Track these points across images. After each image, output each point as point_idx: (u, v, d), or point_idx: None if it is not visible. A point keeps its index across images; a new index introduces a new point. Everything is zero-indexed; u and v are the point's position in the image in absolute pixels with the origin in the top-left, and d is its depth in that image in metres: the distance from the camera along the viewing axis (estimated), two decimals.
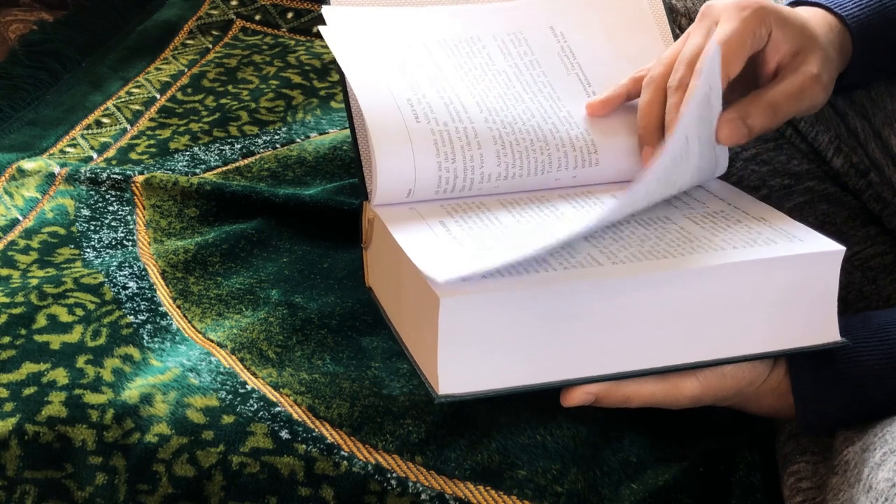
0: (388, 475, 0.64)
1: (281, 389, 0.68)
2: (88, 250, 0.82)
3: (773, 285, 0.61)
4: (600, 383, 0.60)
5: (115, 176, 0.89)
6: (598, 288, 0.58)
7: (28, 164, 0.90)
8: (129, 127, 1.01)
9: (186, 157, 0.95)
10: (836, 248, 0.61)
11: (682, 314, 0.60)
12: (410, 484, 0.64)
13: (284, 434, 0.65)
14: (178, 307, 0.76)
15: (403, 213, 0.65)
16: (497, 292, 0.56)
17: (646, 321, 0.59)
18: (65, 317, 0.73)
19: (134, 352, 0.71)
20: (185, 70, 1.11)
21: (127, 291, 0.77)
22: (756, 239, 0.61)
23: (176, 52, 1.15)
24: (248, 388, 0.68)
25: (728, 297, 0.60)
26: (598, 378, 0.59)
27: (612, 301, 0.58)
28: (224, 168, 0.93)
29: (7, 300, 0.74)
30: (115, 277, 0.78)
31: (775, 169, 0.79)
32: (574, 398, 0.60)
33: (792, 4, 0.71)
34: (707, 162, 0.67)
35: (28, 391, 0.67)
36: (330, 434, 0.66)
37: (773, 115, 0.66)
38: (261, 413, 0.67)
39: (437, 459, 0.65)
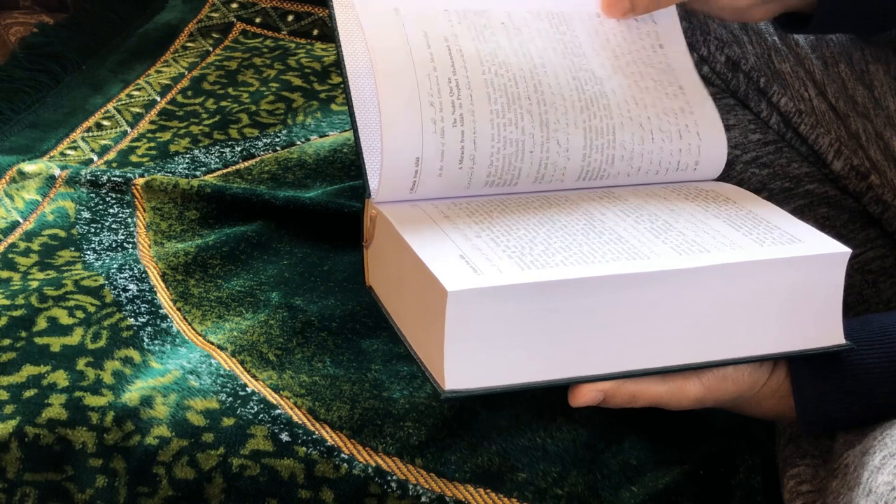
0: (389, 477, 0.64)
1: (281, 392, 0.68)
2: (89, 253, 0.82)
3: (778, 286, 0.60)
4: (608, 381, 0.59)
5: (115, 178, 0.89)
6: (604, 283, 0.57)
7: (28, 167, 0.90)
8: (129, 129, 1.01)
9: (187, 160, 0.95)
10: (842, 250, 0.61)
11: (688, 313, 0.59)
12: (410, 486, 0.64)
13: (284, 436, 0.65)
14: (179, 309, 0.76)
15: (407, 210, 0.65)
16: (505, 285, 0.56)
17: (653, 319, 0.59)
18: (65, 319, 0.73)
19: (134, 354, 0.71)
20: (186, 73, 1.11)
21: (127, 294, 0.77)
22: (762, 239, 0.61)
23: (176, 54, 1.15)
24: (249, 390, 0.68)
25: (734, 296, 0.60)
26: (605, 377, 0.59)
27: (619, 297, 0.58)
28: (224, 171, 0.93)
29: (7, 302, 0.74)
30: (116, 280, 0.78)
31: (775, 172, 0.79)
32: (583, 396, 0.59)
33: None
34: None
35: (28, 393, 0.67)
36: (330, 436, 0.66)
37: None
38: (261, 415, 0.67)
39: (437, 462, 0.65)
